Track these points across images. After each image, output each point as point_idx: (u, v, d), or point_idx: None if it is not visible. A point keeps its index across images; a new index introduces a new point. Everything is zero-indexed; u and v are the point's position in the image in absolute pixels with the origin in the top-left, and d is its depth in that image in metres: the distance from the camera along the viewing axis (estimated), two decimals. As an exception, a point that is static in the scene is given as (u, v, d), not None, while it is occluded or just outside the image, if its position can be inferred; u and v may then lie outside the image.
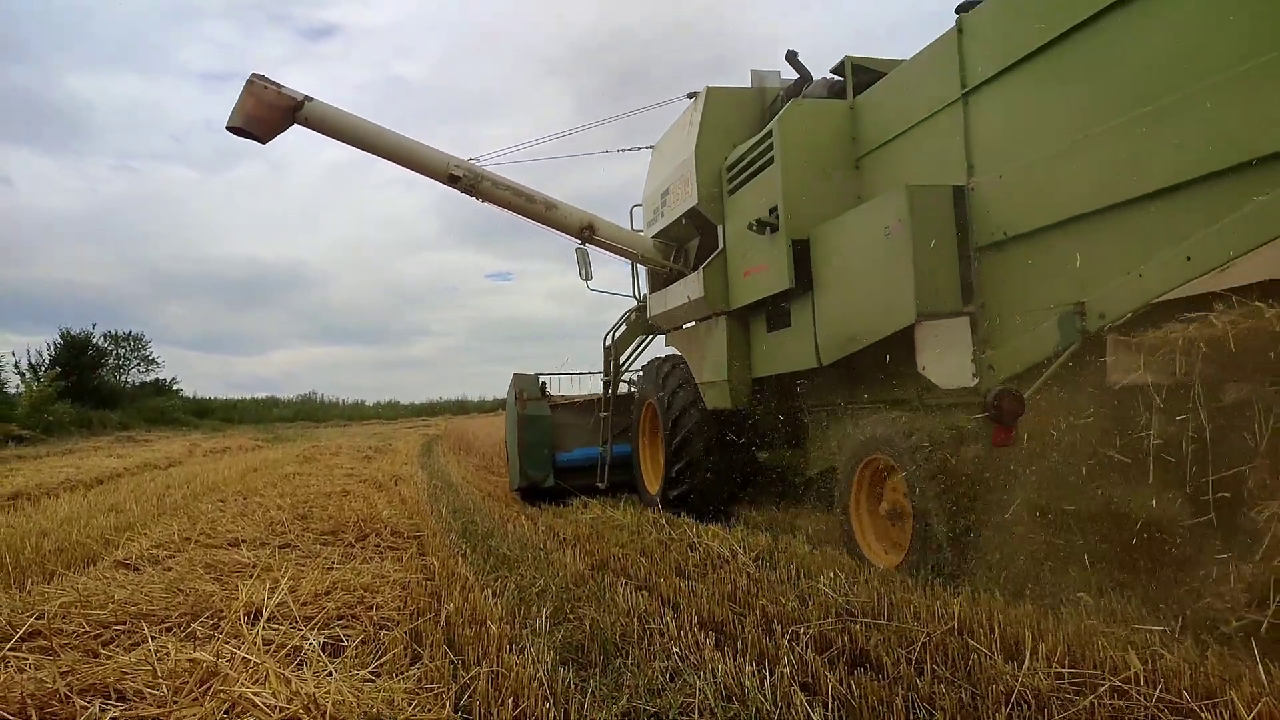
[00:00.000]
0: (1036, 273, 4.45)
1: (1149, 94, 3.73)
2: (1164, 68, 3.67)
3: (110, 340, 41.74)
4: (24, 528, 7.36)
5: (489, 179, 8.28)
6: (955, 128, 4.97)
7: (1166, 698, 2.66)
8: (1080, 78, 4.11)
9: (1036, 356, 4.33)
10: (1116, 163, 3.89)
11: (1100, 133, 3.98)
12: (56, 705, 2.58)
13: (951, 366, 4.83)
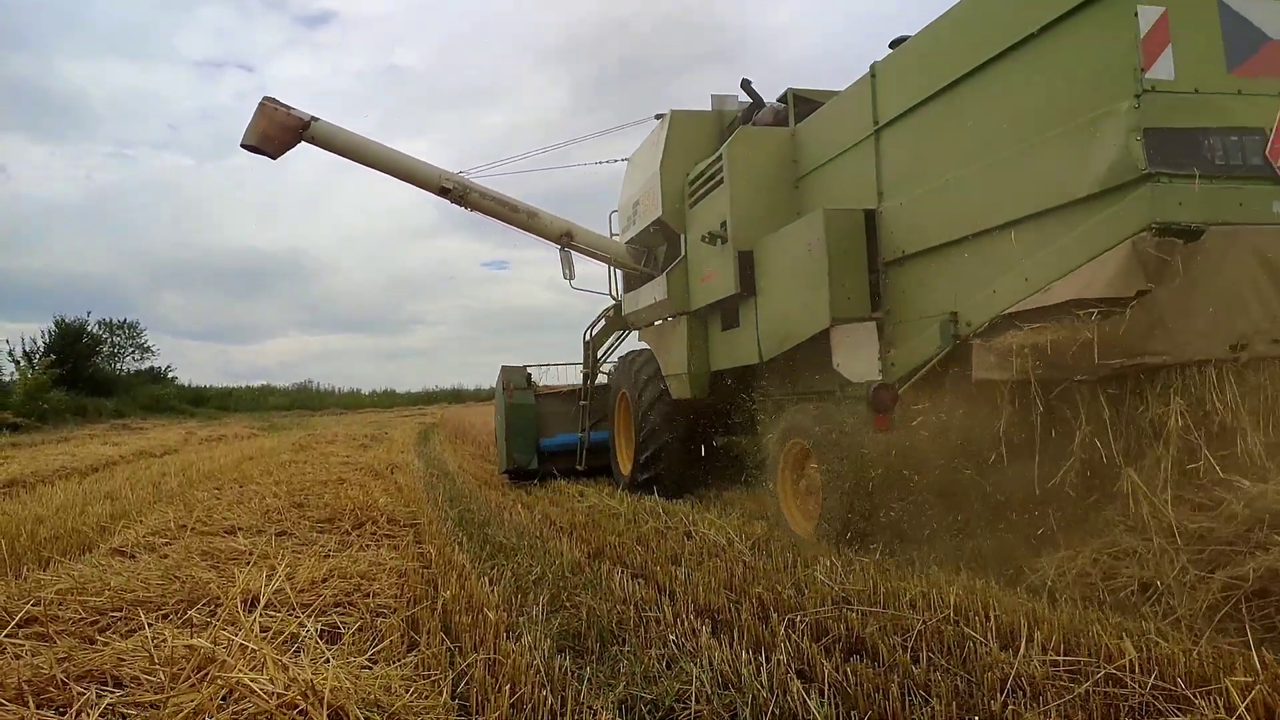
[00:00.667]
0: (926, 286, 5.25)
1: (996, 145, 4.56)
2: (1007, 125, 4.50)
3: (105, 328, 41.70)
4: (19, 515, 7.35)
5: (476, 190, 9.09)
6: (869, 159, 5.74)
7: (1161, 685, 2.67)
8: (951, 127, 4.95)
9: (924, 356, 5.08)
10: (976, 199, 4.71)
11: (964, 174, 4.80)
12: (53, 691, 2.58)
13: (861, 364, 5.62)
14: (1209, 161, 3.84)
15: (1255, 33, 4.03)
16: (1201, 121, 3.86)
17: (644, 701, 2.95)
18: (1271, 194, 3.92)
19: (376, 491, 7.92)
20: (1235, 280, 3.85)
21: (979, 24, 4.74)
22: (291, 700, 2.35)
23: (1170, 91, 3.83)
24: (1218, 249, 3.80)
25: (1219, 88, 3.94)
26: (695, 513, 6.56)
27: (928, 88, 5.09)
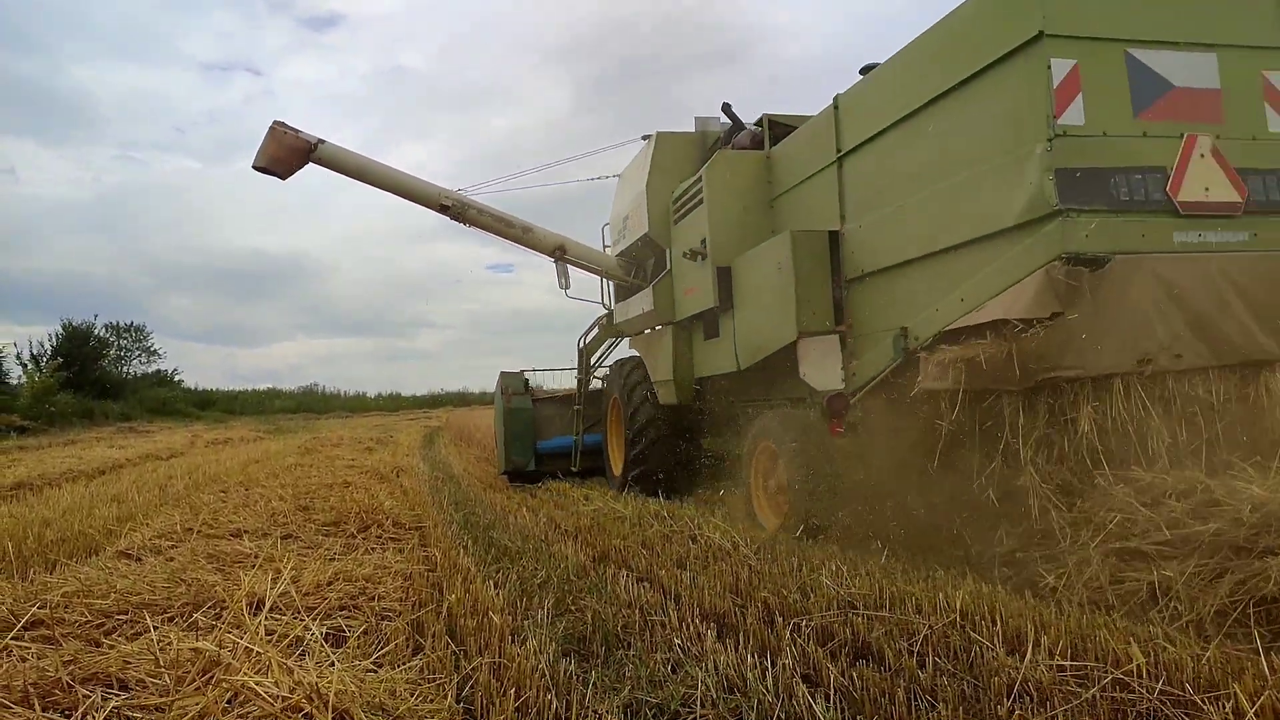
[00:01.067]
0: (882, 303, 5.69)
1: (937, 178, 5.06)
2: (946, 160, 4.99)
3: (112, 331, 41.82)
4: (26, 518, 7.37)
5: (474, 207, 9.67)
6: (833, 184, 6.23)
7: (1169, 690, 2.66)
8: (900, 159, 5.45)
9: (879, 367, 5.55)
10: (922, 225, 5.21)
11: (911, 202, 5.31)
12: (59, 694, 2.58)
13: (825, 373, 6.08)
14: (1114, 198, 4.30)
15: (1160, 81, 4.52)
16: (1109, 162, 4.32)
17: (649, 705, 2.94)
18: (1172, 225, 4.38)
19: (382, 495, 7.92)
20: (1140, 302, 4.31)
21: (921, 68, 5.25)
22: (296, 703, 2.35)
23: (1080, 135, 4.29)
24: (1123, 275, 4.26)
25: (1126, 131, 4.41)
26: (700, 516, 6.54)
27: (881, 122, 5.60)
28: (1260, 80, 4.70)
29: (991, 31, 4.67)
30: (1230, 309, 4.43)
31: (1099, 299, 4.24)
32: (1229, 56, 4.63)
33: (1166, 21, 4.56)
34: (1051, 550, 4.16)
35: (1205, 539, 3.56)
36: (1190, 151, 4.43)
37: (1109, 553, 3.86)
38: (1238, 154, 4.54)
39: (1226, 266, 4.43)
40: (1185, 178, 4.40)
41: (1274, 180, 4.56)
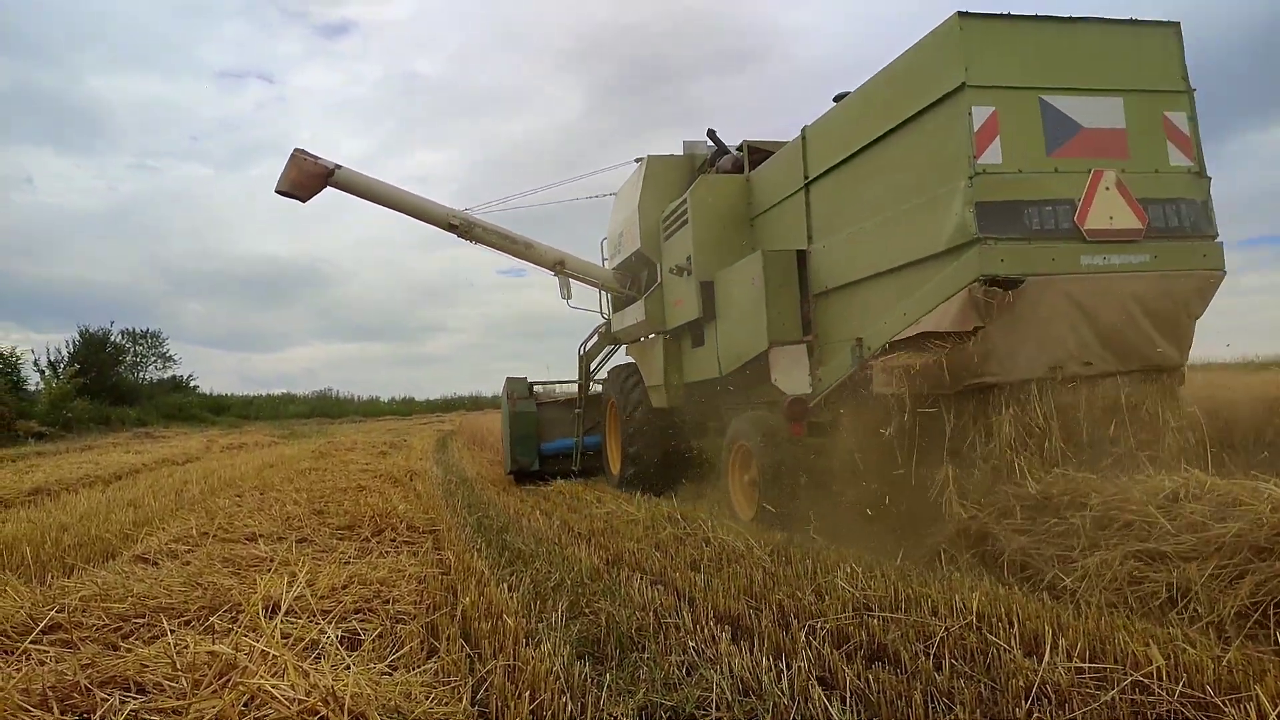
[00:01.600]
0: (843, 315, 6.25)
1: (883, 206, 5.67)
2: (890, 191, 5.59)
3: (128, 338, 42.13)
4: (44, 522, 7.43)
5: (479, 225, 10.25)
6: (801, 207, 6.82)
7: (1189, 693, 2.63)
8: (854, 188, 6.06)
9: (840, 374, 6.12)
10: (872, 247, 5.79)
11: (864, 227, 5.90)
12: (77, 697, 2.59)
13: (794, 379, 6.58)
14: (1028, 227, 4.89)
15: (1070, 123, 5.09)
16: (1023, 195, 4.91)
17: (664, 708, 2.94)
18: (1080, 250, 4.95)
19: (396, 498, 7.95)
20: (1051, 317, 4.91)
21: (870, 109, 5.87)
22: (313, 706, 2.36)
23: (998, 173, 4.87)
24: (1036, 293, 4.85)
25: (1039, 168, 4.98)
26: (713, 519, 6.53)
27: (839, 154, 6.20)
28: (1161, 120, 5.29)
29: (924, 81, 5.27)
30: (1134, 321, 5.07)
31: (1015, 315, 4.84)
32: (1133, 100, 5.23)
33: (1076, 70, 5.16)
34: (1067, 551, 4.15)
35: (1226, 540, 3.53)
36: (1096, 185, 5.03)
37: (1128, 554, 3.83)
38: (1141, 186, 5.11)
39: (1129, 284, 5.03)
40: (1091, 208, 5.00)
41: (1173, 208, 5.17)
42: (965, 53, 4.92)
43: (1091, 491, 4.42)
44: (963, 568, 4.49)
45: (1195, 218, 5.22)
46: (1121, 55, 5.27)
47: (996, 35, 5.06)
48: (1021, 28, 5.14)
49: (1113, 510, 4.17)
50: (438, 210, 10.29)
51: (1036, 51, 5.14)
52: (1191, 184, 5.28)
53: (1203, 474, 4.22)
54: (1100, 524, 4.15)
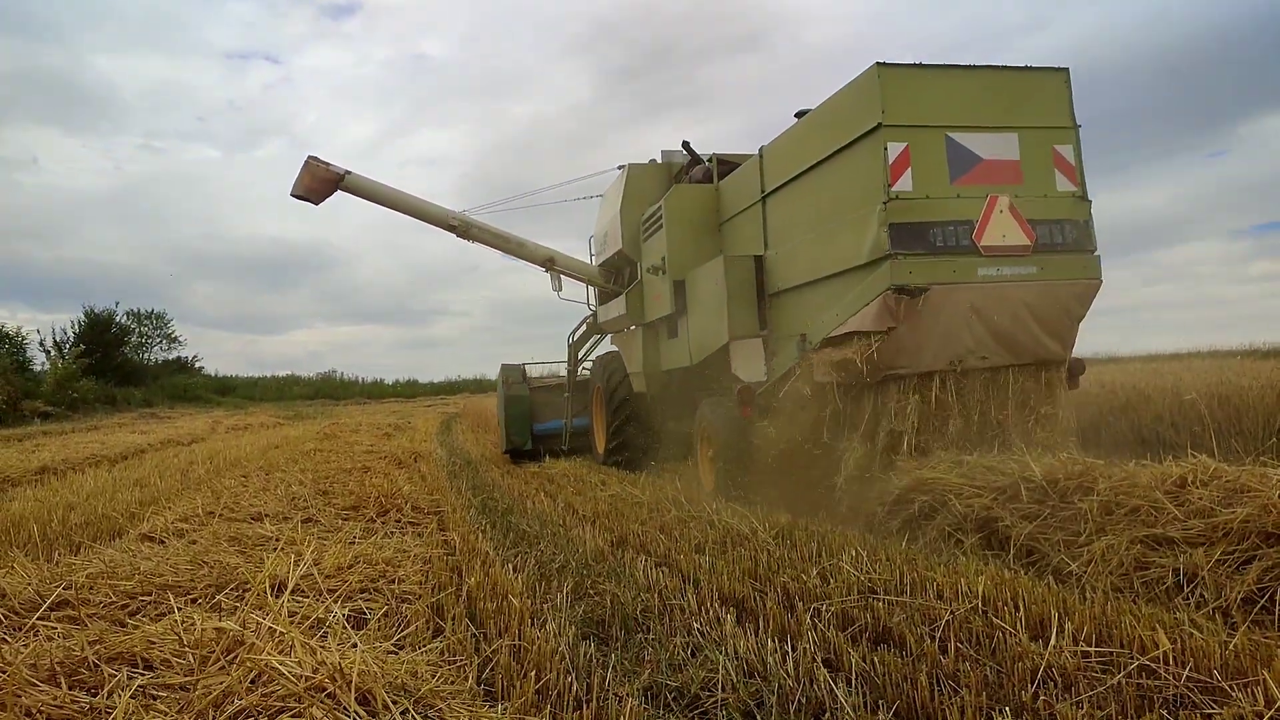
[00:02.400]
0: (791, 314, 7.12)
1: (820, 222, 6.54)
2: (826, 209, 6.46)
3: (133, 318, 42.17)
4: (51, 501, 7.46)
5: (476, 225, 11.13)
6: (759, 217, 7.68)
7: (1196, 677, 2.63)
8: (798, 204, 6.96)
9: (787, 365, 6.91)
10: (812, 256, 6.66)
11: (806, 239, 6.79)
12: (85, 673, 2.60)
13: (751, 369, 7.51)
14: (932, 244, 5.72)
15: (971, 155, 5.92)
16: (930, 217, 5.74)
17: (669, 689, 2.94)
18: (977, 263, 5.78)
19: (400, 480, 7.97)
20: (952, 319, 5.77)
21: (811, 138, 6.74)
22: (320, 683, 2.36)
23: (909, 198, 5.71)
24: (939, 299, 5.68)
25: (943, 194, 5.80)
26: (718, 502, 6.53)
27: (787, 174, 7.08)
28: (1051, 152, 6.09)
29: (851, 119, 6.10)
30: (1023, 322, 5.91)
31: (922, 317, 5.68)
32: (1026, 135, 6.05)
33: (977, 111, 5.99)
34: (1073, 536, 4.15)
35: (1234, 525, 3.52)
36: (992, 208, 5.84)
37: (1134, 539, 3.82)
38: (1031, 208, 5.93)
39: (1019, 292, 5.86)
40: (988, 227, 5.81)
41: (1058, 228, 5.98)
42: (883, 97, 5.77)
43: (1099, 477, 4.41)
44: (968, 552, 4.48)
45: (1077, 235, 6.03)
46: (1017, 97, 6.11)
47: (909, 82, 5.89)
48: (931, 75, 5.97)
49: (1120, 495, 4.16)
50: (438, 212, 11.13)
51: (943, 95, 5.95)
52: (1075, 206, 6.08)
53: (1210, 459, 4.20)
54: (1107, 509, 4.14)
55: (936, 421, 5.89)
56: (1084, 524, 4.14)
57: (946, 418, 5.90)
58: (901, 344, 5.75)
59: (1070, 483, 4.51)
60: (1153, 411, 7.73)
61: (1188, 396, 7.32)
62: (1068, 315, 6.05)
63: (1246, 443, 6.38)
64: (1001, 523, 4.56)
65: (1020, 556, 4.31)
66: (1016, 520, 4.48)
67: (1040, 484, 4.61)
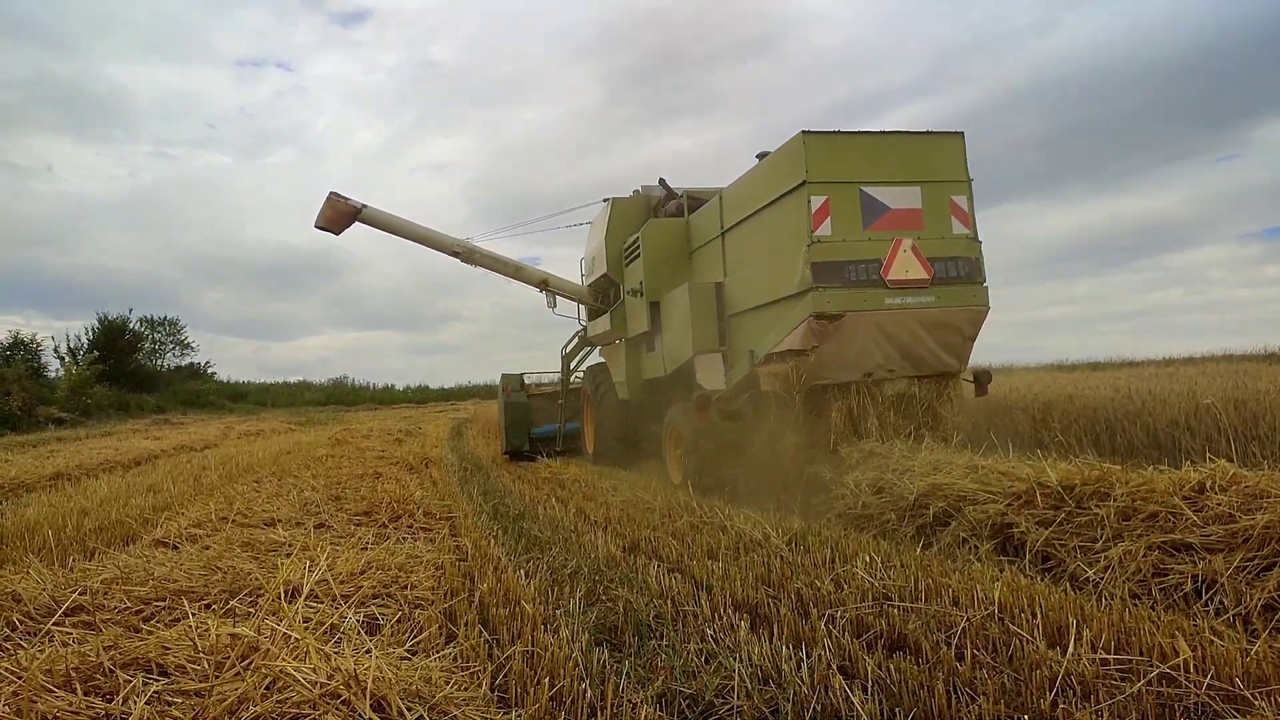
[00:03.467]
0: (744, 332, 8.20)
1: (763, 257, 7.75)
2: (767, 247, 7.69)
3: (146, 325, 42.47)
4: (65, 507, 7.50)
5: (478, 251, 12.38)
6: (719, 249, 8.83)
7: (1217, 685, 2.59)
8: (747, 241, 8.19)
9: (741, 375, 8.09)
10: (757, 286, 7.84)
11: (753, 271, 7.99)
12: (100, 678, 2.61)
13: (713, 379, 8.61)
14: (847, 279, 6.89)
15: (881, 205, 7.08)
16: (845, 257, 6.92)
17: (683, 696, 2.92)
18: (884, 294, 6.93)
19: (412, 485, 7.98)
20: (864, 340, 7.00)
21: (756, 187, 7.95)
22: (334, 690, 2.36)
23: (828, 242, 6.90)
24: (853, 324, 6.89)
25: (857, 238, 6.98)
26: (730, 508, 6.51)
27: (740, 215, 8.28)
28: (948, 202, 7.24)
29: (783, 175, 7.32)
30: (923, 342, 7.16)
31: (839, 338, 6.92)
32: (928, 188, 7.21)
33: (886, 168, 7.15)
34: (1090, 542, 4.11)
35: (1254, 531, 3.48)
36: (898, 249, 7.01)
37: (1152, 545, 3.78)
38: (930, 248, 7.08)
39: (919, 317, 7.05)
40: (893, 265, 6.97)
41: (953, 264, 7.12)
42: (806, 159, 6.96)
43: (1115, 482, 4.37)
44: (983, 558, 4.45)
45: (969, 270, 7.18)
46: (920, 157, 7.26)
47: (829, 145, 7.07)
48: (848, 139, 7.16)
49: (1137, 501, 4.12)
50: (444, 240, 12.39)
51: (858, 156, 7.13)
52: (968, 246, 7.23)
53: (1228, 464, 4.16)
54: (1124, 515, 4.11)
55: (856, 421, 7.31)
56: (1101, 530, 4.10)
57: (863, 418, 7.30)
58: (824, 360, 7.03)
59: (1087, 488, 4.47)
60: (1168, 416, 7.65)
61: (1205, 401, 7.25)
62: (961, 336, 7.28)
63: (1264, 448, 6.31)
64: (1017, 529, 4.52)
65: (1036, 563, 4.27)
66: (1032, 526, 4.44)
67: (1056, 489, 4.58)
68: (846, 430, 7.25)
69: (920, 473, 5.65)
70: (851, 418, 7.30)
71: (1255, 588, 3.30)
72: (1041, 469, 4.87)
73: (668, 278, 9.76)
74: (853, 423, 7.28)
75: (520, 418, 13.57)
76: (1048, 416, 9.02)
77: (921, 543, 4.92)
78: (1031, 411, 9.33)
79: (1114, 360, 21.49)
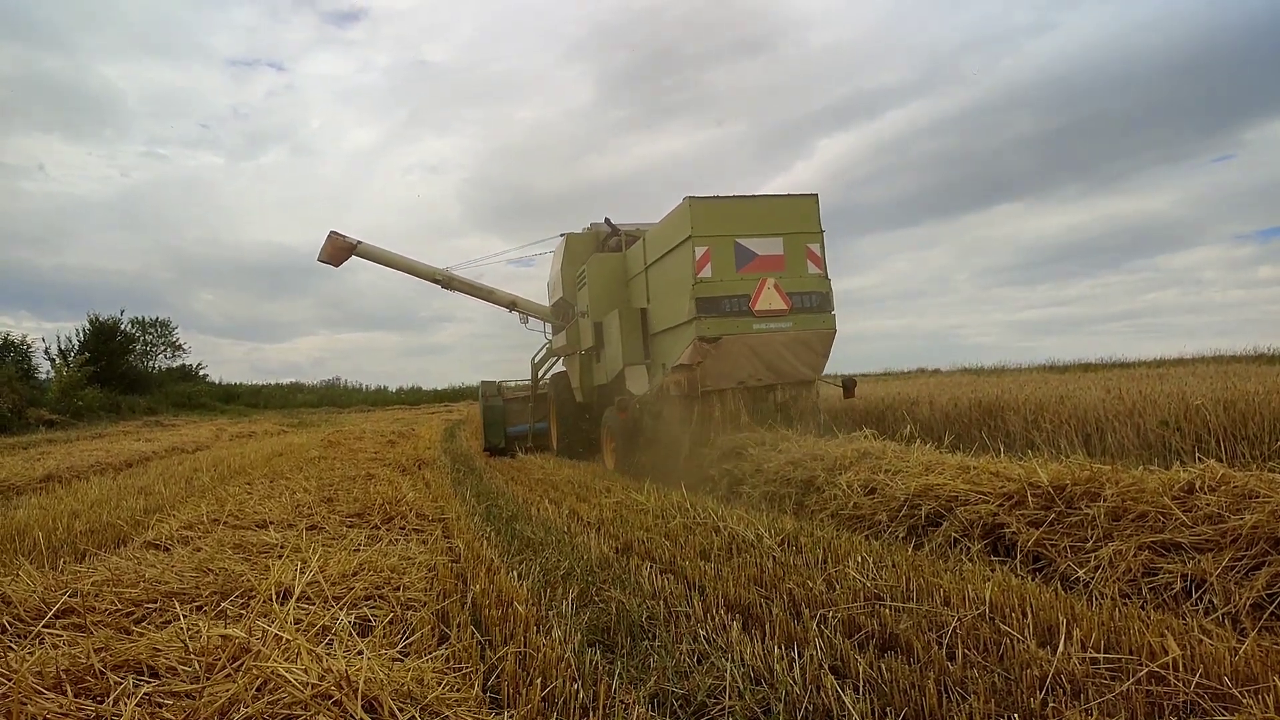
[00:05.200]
0: (662, 348, 10.27)
1: (667, 290, 9.87)
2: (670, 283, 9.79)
3: (137, 326, 42.32)
4: (56, 509, 7.47)
5: (457, 279, 15.17)
6: (644, 280, 11.01)
7: (1206, 683, 2.61)
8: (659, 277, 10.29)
9: (658, 383, 10.07)
10: (666, 312, 9.96)
11: (663, 300, 10.08)
12: (91, 680, 2.60)
13: (639, 386, 10.68)
14: (723, 310, 9.00)
15: (750, 253, 9.19)
16: (722, 293, 9.03)
17: (675, 696, 2.93)
18: (753, 321, 9.09)
19: (405, 487, 7.96)
20: (737, 356, 9.11)
21: (663, 235, 10.20)
22: (326, 690, 2.36)
23: (709, 282, 9.01)
24: (728, 345, 9.03)
25: (732, 278, 9.09)
26: (724, 509, 6.51)
27: (654, 256, 10.52)
28: (804, 249, 9.39)
29: (676, 229, 9.58)
30: (784, 357, 9.31)
31: (718, 355, 9.09)
32: (789, 238, 9.35)
33: (756, 224, 9.30)
34: (1081, 543, 4.13)
35: (1243, 531, 3.50)
36: (763, 287, 9.17)
37: (1142, 545, 3.80)
38: (790, 285, 9.29)
39: (780, 338, 9.24)
40: (759, 299, 9.13)
41: (807, 297, 9.32)
42: (692, 219, 9.16)
43: (1106, 483, 4.39)
44: (975, 558, 4.46)
45: (820, 302, 9.37)
46: (783, 214, 9.42)
47: (710, 207, 9.24)
48: (725, 202, 9.31)
49: (1127, 501, 4.15)
50: (426, 269, 15.06)
51: (733, 214, 9.28)
52: (819, 283, 9.41)
53: (1218, 465, 4.19)
54: (1114, 515, 4.13)
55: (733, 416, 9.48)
56: (1091, 530, 4.13)
57: (739, 414, 9.50)
58: (708, 372, 9.22)
59: (1077, 489, 4.49)
60: (1158, 417, 7.69)
61: (1195, 401, 7.29)
62: (814, 352, 9.44)
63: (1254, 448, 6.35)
64: (1008, 529, 4.54)
65: (1027, 563, 4.29)
66: (1023, 526, 4.46)
67: (1047, 490, 4.60)
68: (726, 424, 9.42)
69: (912, 473, 5.67)
70: (730, 414, 9.50)
71: (1244, 587, 3.33)
72: (1032, 469, 4.89)
73: (608, 302, 11.80)
74: (731, 418, 9.48)
75: (497, 419, 15.48)
76: (1039, 417, 9.05)
77: (913, 543, 4.94)
78: (1023, 412, 9.37)
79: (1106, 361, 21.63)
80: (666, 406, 9.76)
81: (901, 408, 11.73)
